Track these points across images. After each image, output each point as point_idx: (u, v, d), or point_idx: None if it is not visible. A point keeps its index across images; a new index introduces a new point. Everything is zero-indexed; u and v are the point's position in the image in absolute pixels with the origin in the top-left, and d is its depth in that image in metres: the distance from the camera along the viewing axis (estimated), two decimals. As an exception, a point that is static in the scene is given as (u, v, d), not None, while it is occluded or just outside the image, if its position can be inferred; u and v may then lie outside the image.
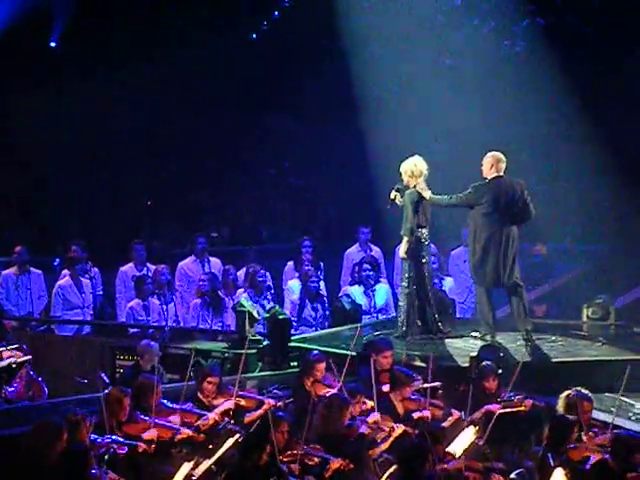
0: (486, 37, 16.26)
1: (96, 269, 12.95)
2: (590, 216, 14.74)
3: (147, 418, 8.15)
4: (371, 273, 12.59)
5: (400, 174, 10.94)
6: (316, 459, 7.85)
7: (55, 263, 14.20)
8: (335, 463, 7.83)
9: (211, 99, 16.87)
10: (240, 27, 17.21)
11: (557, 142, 15.34)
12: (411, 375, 9.18)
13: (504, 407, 8.92)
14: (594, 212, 14.79)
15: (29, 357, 10.73)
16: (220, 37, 16.59)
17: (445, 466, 7.67)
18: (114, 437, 7.80)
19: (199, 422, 8.46)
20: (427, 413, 8.81)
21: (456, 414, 8.92)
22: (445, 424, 8.75)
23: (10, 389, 10.46)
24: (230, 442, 7.84)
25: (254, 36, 17.71)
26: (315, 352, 9.79)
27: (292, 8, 17.23)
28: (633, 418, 9.43)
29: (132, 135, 17.01)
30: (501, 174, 10.69)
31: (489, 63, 15.76)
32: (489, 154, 10.76)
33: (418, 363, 9.90)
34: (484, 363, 9.41)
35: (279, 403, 8.93)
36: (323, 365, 9.25)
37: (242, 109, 17.32)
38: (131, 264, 13.07)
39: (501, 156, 10.71)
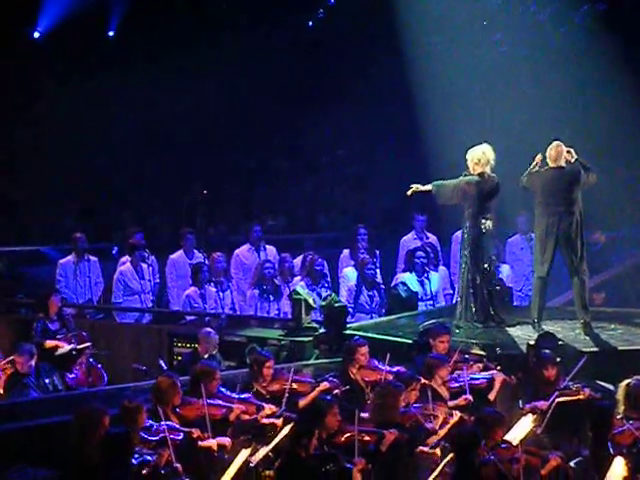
0: (543, 24, 16.07)
1: (153, 257, 13.06)
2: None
3: (199, 400, 8.17)
4: (425, 260, 12.55)
5: (466, 160, 10.86)
6: (370, 436, 7.80)
7: (114, 251, 14.35)
8: (390, 435, 7.78)
9: (267, 88, 16.91)
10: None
11: (616, 130, 15.12)
12: (442, 357, 9.12)
13: (560, 395, 8.83)
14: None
15: (89, 344, 10.88)
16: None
17: (500, 452, 7.59)
18: (169, 423, 7.84)
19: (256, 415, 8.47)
20: (469, 397, 8.75)
21: (499, 378, 8.91)
22: (491, 395, 8.72)
23: (71, 376, 10.62)
24: (287, 429, 7.86)
25: (310, 24, 17.71)
26: (356, 337, 9.79)
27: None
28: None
29: (187, 123, 17.10)
30: (560, 164, 10.56)
31: (545, 52, 15.59)
32: (553, 144, 10.64)
33: (476, 351, 9.83)
34: (543, 351, 9.33)
35: (335, 388, 8.91)
36: (365, 349, 9.21)
37: (298, 97, 17.33)
38: (181, 252, 13.16)
39: (562, 147, 10.58)
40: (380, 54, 16.31)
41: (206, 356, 9.94)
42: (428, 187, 10.86)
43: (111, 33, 17.70)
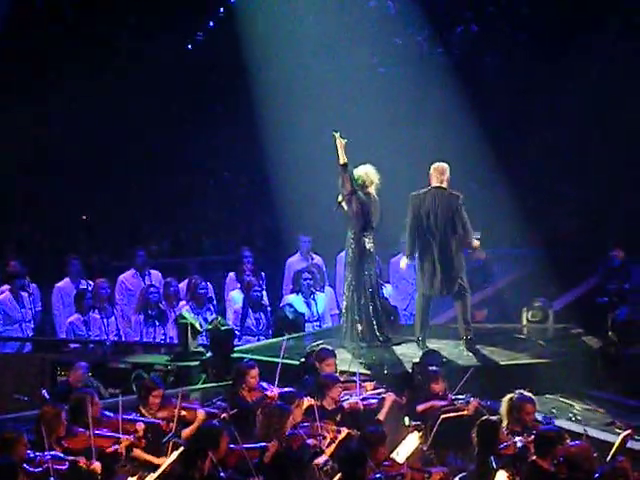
0: (420, 45, 16.40)
1: (34, 285, 12.82)
2: (526, 221, 14.91)
3: (85, 430, 8.05)
4: (311, 282, 12.62)
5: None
6: (254, 453, 7.81)
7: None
8: (272, 446, 7.81)
9: (147, 111, 16.76)
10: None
11: (493, 149, 15.49)
12: (334, 377, 9.17)
13: (447, 410, 8.96)
14: (530, 217, 14.97)
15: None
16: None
17: (386, 469, 7.67)
18: (53, 453, 7.69)
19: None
20: (357, 401, 8.82)
21: (390, 397, 8.99)
22: (381, 415, 8.82)
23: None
24: (174, 455, 7.80)
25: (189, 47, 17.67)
26: (246, 360, 9.78)
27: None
28: (573, 419, 9.56)
29: (67, 149, 16.84)
30: (439, 185, 10.76)
31: (423, 71, 15.89)
32: (433, 165, 10.85)
33: (362, 370, 9.92)
34: (429, 367, 9.46)
35: (223, 414, 8.89)
36: (255, 371, 9.21)
37: (180, 121, 17.26)
38: (67, 279, 12.95)
39: (443, 167, 10.79)
40: (259, 76, 16.35)
41: (79, 385, 9.73)
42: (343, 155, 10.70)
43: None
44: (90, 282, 12.74)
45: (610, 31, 15.72)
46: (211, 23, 17.52)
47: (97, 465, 7.79)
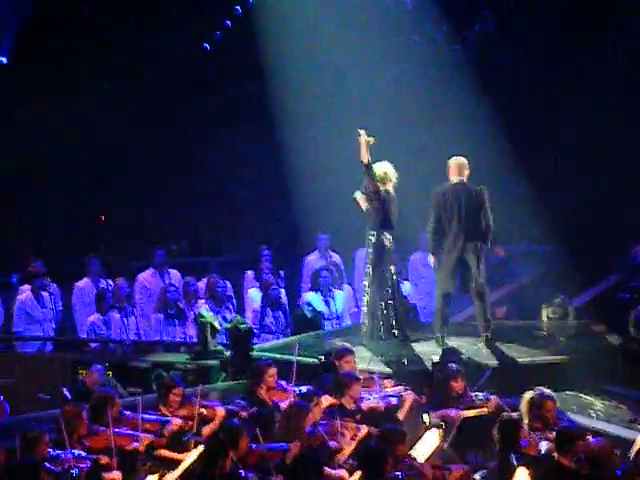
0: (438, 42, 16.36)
1: (54, 285, 12.87)
2: (546, 218, 14.87)
3: (105, 429, 8.08)
4: (329, 279, 12.62)
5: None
6: (276, 453, 7.79)
7: (13, 279, 14.08)
8: (294, 447, 7.80)
9: (163, 111, 16.78)
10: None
11: (512, 146, 15.44)
12: (353, 375, 9.16)
13: (466, 409, 8.95)
14: (551, 214, 14.92)
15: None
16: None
17: (407, 468, 7.66)
18: (76, 452, 7.73)
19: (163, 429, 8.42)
20: (378, 402, 8.80)
21: (410, 397, 8.95)
22: (400, 414, 8.79)
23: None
24: (195, 453, 7.81)
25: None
26: (264, 358, 9.78)
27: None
28: (593, 415, 9.53)
29: (84, 148, 16.88)
30: (460, 179, 10.74)
31: (441, 68, 15.86)
32: (452, 159, 10.81)
33: (382, 368, 9.91)
34: (449, 365, 9.44)
35: (243, 413, 8.90)
36: (273, 370, 9.20)
37: (197, 120, 17.26)
38: (87, 279, 13.00)
39: (463, 161, 10.76)
40: (277, 75, 16.35)
41: (95, 387, 9.74)
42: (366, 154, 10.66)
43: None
44: (110, 282, 12.78)
45: (628, 31, 15.65)
46: (228, 22, 17.52)
47: (117, 475, 7.78)
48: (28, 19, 16.39)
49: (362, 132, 10.67)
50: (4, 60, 16.51)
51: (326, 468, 7.72)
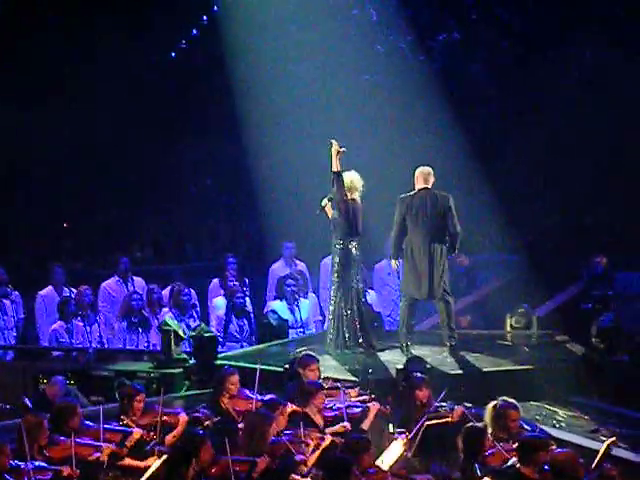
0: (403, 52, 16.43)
1: (17, 292, 12.74)
2: (510, 227, 14.94)
3: (66, 439, 7.99)
4: (295, 288, 12.60)
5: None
6: (242, 465, 7.74)
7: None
8: (262, 462, 7.74)
9: (129, 119, 16.71)
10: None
11: (477, 155, 15.52)
12: (318, 384, 9.14)
13: (430, 419, 8.94)
14: (514, 223, 15.00)
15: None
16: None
17: (369, 477, 7.64)
18: (37, 463, 7.63)
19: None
20: (347, 425, 8.79)
21: (374, 407, 8.94)
22: (365, 425, 8.76)
23: None
24: (158, 462, 7.75)
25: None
26: (226, 367, 9.73)
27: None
28: (557, 425, 9.57)
29: (50, 156, 16.77)
30: (426, 186, 10.81)
31: (406, 78, 15.91)
32: (418, 169, 10.89)
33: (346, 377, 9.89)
34: (414, 374, 9.44)
35: (207, 422, 8.84)
36: (236, 378, 9.16)
37: (162, 129, 17.21)
38: (50, 287, 12.88)
39: (429, 170, 10.84)
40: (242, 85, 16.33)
41: (55, 399, 9.63)
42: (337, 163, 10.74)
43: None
44: (73, 289, 12.67)
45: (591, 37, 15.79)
46: (194, 31, 17.50)
47: None
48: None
49: (334, 142, 10.78)
50: None
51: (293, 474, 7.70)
